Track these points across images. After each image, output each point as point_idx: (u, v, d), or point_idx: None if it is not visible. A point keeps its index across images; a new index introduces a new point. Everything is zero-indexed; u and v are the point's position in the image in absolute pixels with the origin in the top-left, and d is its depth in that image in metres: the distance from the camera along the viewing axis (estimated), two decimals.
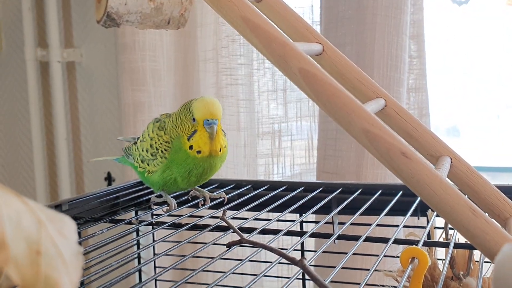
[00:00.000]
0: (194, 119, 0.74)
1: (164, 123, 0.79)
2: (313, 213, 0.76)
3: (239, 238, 0.57)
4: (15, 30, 1.66)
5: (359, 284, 0.55)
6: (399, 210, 0.76)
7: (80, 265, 0.24)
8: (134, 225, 0.75)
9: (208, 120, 0.74)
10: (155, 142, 0.78)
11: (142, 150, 0.79)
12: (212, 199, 0.83)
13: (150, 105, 1.32)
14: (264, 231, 0.68)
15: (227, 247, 0.60)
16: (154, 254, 0.94)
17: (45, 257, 0.22)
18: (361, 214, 0.72)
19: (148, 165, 0.79)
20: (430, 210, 0.74)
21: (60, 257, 0.23)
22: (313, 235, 0.68)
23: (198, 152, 0.75)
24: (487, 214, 0.45)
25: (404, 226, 0.74)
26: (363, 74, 0.60)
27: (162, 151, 0.77)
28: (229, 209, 0.78)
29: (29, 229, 0.22)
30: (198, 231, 0.70)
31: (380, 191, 0.82)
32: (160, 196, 0.84)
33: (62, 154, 1.57)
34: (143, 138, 0.80)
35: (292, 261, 0.50)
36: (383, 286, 0.75)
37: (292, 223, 0.70)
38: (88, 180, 1.62)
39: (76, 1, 1.57)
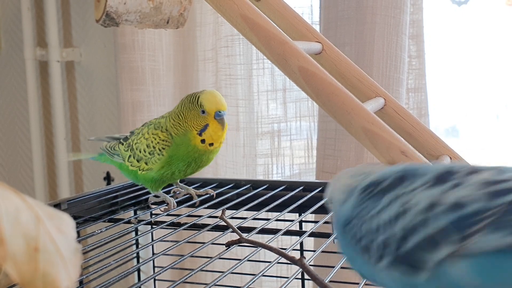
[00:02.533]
0: (203, 111, 0.75)
1: (159, 123, 0.80)
2: (312, 212, 0.76)
3: (238, 237, 0.57)
4: (14, 29, 1.66)
5: (358, 284, 0.55)
6: None
7: (78, 262, 0.24)
8: (133, 225, 0.75)
9: (220, 112, 0.75)
10: (151, 142, 0.78)
11: (140, 151, 0.79)
12: (198, 196, 0.84)
13: (149, 105, 1.32)
14: (263, 231, 0.68)
15: (226, 247, 0.60)
16: (153, 253, 0.94)
17: (43, 254, 0.22)
18: None
19: (146, 163, 0.79)
20: None
21: (58, 254, 0.23)
22: (312, 234, 0.68)
23: (210, 144, 0.77)
24: None
25: None
26: (363, 73, 0.60)
27: (159, 149, 0.78)
28: (228, 208, 0.78)
29: (27, 225, 0.22)
30: (197, 231, 0.70)
31: None
32: (157, 196, 0.84)
33: (61, 153, 1.57)
34: (138, 140, 0.80)
35: (292, 260, 0.50)
36: None
37: (291, 222, 0.70)
38: (87, 179, 1.62)
39: (75, 1, 1.57)
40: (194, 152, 0.77)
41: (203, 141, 0.76)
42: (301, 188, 0.86)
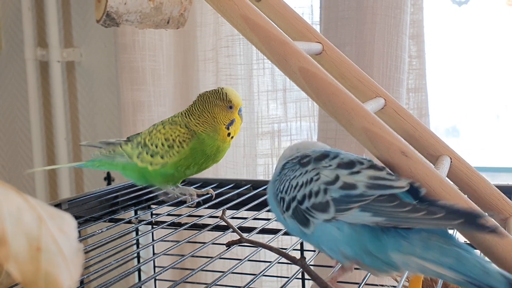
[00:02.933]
0: (231, 107, 0.80)
1: (174, 122, 0.82)
2: None
3: (238, 237, 0.57)
4: (15, 29, 1.66)
5: (358, 283, 0.55)
6: None
7: (80, 262, 0.24)
8: (133, 224, 0.75)
9: (241, 107, 0.81)
10: (171, 135, 0.80)
11: (156, 146, 0.81)
12: (199, 196, 0.84)
13: (150, 105, 1.32)
14: (264, 231, 0.68)
15: (226, 247, 0.60)
16: (154, 253, 0.94)
17: (45, 254, 0.22)
18: None
19: (161, 157, 0.80)
20: None
21: (60, 254, 0.23)
22: None
23: (232, 137, 0.82)
24: (486, 214, 0.45)
25: None
26: (363, 73, 0.60)
27: (179, 141, 0.80)
28: (228, 208, 0.78)
29: (29, 225, 0.22)
30: (198, 231, 0.70)
31: None
32: (167, 193, 0.85)
33: (61, 153, 1.57)
34: (153, 135, 0.82)
35: (292, 260, 0.50)
36: (382, 286, 0.75)
37: None
38: (87, 179, 1.62)
39: (75, 1, 1.57)
40: (218, 146, 0.81)
41: (228, 134, 0.81)
42: None
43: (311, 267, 0.50)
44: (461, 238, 0.52)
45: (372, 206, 0.41)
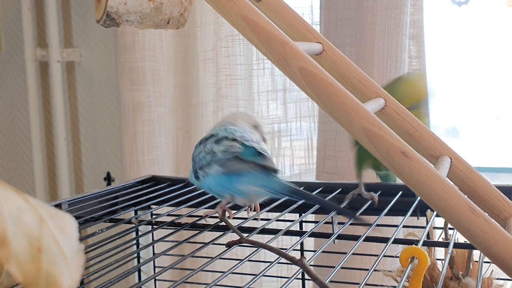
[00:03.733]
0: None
1: None
2: (312, 213, 0.76)
3: (238, 238, 0.57)
4: (14, 30, 1.66)
5: (358, 284, 0.55)
6: (399, 210, 0.76)
7: (81, 262, 0.24)
8: (133, 225, 0.75)
9: (416, 103, 0.77)
10: None
11: None
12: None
13: (150, 105, 1.32)
14: (264, 231, 0.68)
15: (226, 247, 0.60)
16: (154, 253, 0.94)
17: (46, 254, 0.22)
18: (361, 214, 0.72)
19: None
20: (429, 210, 0.74)
21: (61, 254, 0.23)
22: (312, 235, 0.68)
23: None
24: (486, 214, 0.45)
25: (404, 226, 0.74)
26: (363, 73, 0.60)
27: None
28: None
29: (30, 225, 0.22)
30: (198, 231, 0.70)
31: (379, 191, 0.82)
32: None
33: (61, 154, 1.57)
34: None
35: (292, 260, 0.50)
36: (382, 286, 0.75)
37: (291, 223, 0.70)
38: (87, 180, 1.62)
39: (75, 1, 1.57)
40: None
41: None
42: (301, 188, 0.86)
43: (311, 267, 0.50)
44: (461, 238, 0.52)
45: (224, 163, 0.66)
